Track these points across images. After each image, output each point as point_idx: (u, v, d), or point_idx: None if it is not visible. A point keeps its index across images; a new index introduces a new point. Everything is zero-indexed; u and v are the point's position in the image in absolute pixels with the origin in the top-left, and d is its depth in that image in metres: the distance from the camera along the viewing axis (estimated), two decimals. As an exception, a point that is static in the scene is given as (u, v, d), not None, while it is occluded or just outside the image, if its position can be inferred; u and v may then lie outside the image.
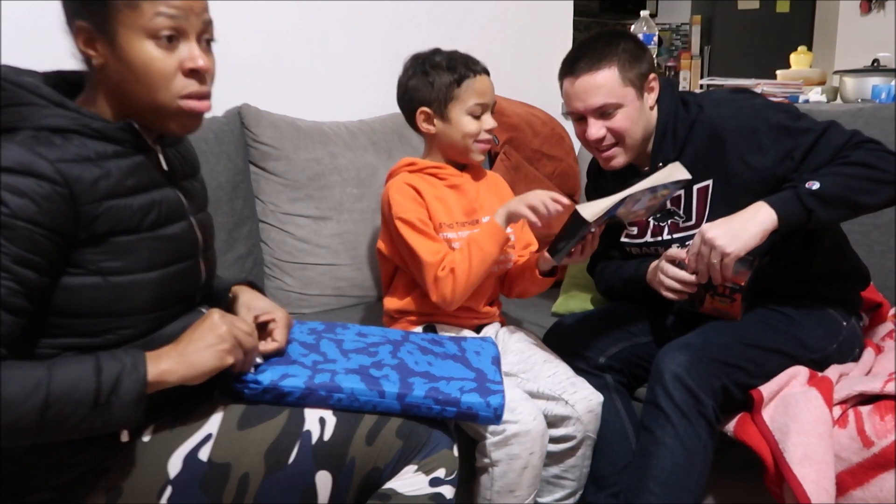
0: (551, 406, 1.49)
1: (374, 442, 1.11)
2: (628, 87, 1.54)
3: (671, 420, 1.37)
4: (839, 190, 1.41)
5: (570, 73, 1.56)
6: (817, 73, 2.93)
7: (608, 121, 1.54)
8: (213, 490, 1.08)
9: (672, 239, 1.64)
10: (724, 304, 1.50)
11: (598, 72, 1.52)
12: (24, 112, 0.99)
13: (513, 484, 1.40)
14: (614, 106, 1.53)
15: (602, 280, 1.82)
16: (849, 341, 1.59)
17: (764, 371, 1.47)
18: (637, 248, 1.72)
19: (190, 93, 1.04)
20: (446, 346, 1.34)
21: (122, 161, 1.04)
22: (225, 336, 1.04)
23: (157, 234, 1.06)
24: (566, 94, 1.59)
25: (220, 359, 1.03)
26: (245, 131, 1.99)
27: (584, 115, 1.56)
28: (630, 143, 1.57)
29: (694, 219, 1.61)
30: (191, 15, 1.03)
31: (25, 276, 0.93)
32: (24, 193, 0.93)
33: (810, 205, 1.39)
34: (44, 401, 0.91)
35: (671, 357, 1.41)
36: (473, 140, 1.59)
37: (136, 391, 0.96)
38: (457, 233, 1.59)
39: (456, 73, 1.56)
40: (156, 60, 1.01)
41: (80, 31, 1.02)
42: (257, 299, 1.25)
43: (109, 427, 0.98)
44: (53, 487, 1.07)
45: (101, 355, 0.97)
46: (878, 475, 1.33)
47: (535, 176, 2.33)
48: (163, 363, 1.00)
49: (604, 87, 1.52)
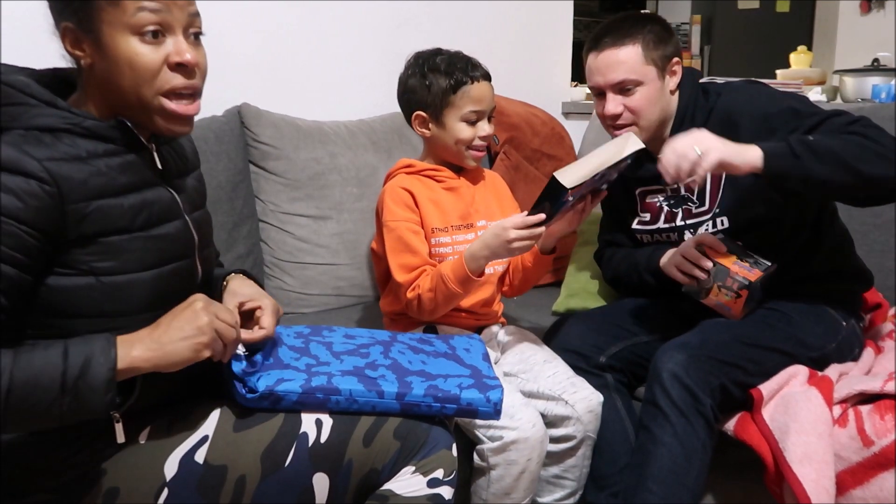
0: (551, 406, 1.48)
1: (372, 443, 1.10)
2: (650, 66, 1.55)
3: (669, 419, 1.37)
4: (833, 146, 1.38)
5: (594, 48, 1.58)
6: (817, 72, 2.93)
7: (626, 97, 1.55)
8: (210, 492, 1.08)
9: (685, 225, 1.64)
10: (730, 298, 1.50)
11: (622, 48, 1.54)
12: (14, 112, 0.99)
13: (509, 488, 1.40)
14: (634, 83, 1.54)
15: (609, 268, 1.81)
16: (848, 341, 1.59)
17: (762, 370, 1.46)
18: (649, 235, 1.71)
19: (174, 86, 1.03)
20: (436, 344, 1.34)
21: (114, 160, 1.03)
22: (204, 329, 1.00)
23: (151, 233, 1.05)
24: (588, 68, 1.60)
25: (196, 352, 1.00)
26: (245, 131, 1.99)
27: (604, 90, 1.58)
28: (645, 124, 1.57)
29: (707, 204, 1.61)
30: (174, 8, 1.01)
31: (5, 272, 0.93)
32: (10, 190, 0.92)
33: (798, 150, 1.36)
34: (7, 386, 0.89)
35: (669, 356, 1.41)
36: (467, 147, 1.58)
37: (105, 376, 0.94)
38: (451, 236, 1.59)
39: (453, 79, 1.53)
40: (141, 55, 1.00)
41: (66, 32, 1.01)
42: (245, 286, 1.22)
43: (81, 414, 0.95)
44: (50, 489, 1.06)
45: (71, 340, 0.95)
46: (878, 474, 1.33)
47: (535, 175, 2.33)
48: (135, 349, 0.98)
49: (625, 63, 1.54)
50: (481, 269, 1.46)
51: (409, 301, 1.52)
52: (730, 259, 1.50)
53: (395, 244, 1.54)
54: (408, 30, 2.34)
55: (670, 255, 1.59)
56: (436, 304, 1.50)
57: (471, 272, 1.44)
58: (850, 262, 1.67)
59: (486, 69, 1.59)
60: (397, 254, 1.54)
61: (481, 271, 1.47)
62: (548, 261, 1.59)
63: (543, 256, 1.58)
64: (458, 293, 1.47)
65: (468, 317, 1.64)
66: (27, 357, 0.92)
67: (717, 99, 1.59)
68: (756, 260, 1.51)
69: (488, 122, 1.58)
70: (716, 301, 1.52)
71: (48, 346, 0.94)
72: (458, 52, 1.60)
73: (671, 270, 1.56)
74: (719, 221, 1.61)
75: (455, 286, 1.45)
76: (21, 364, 0.91)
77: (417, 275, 1.52)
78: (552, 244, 1.56)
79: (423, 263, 1.53)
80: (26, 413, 0.92)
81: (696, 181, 1.37)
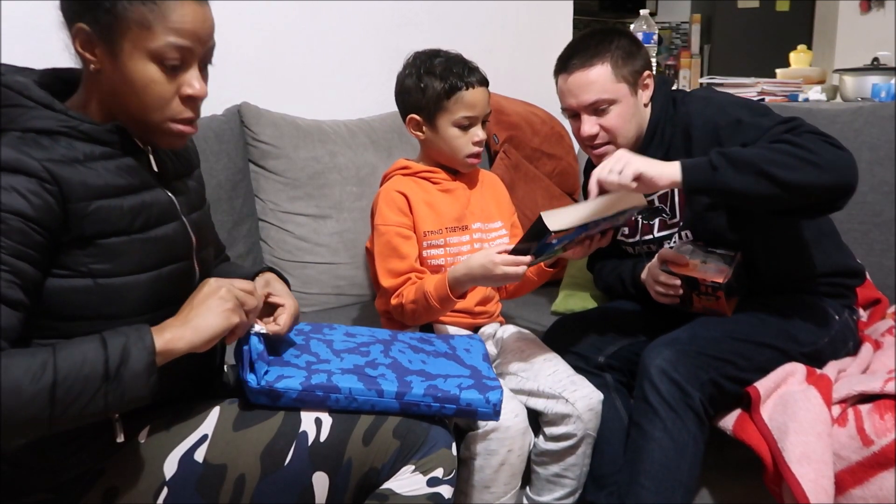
0: (552, 404, 1.48)
1: (371, 442, 1.11)
2: (621, 83, 1.54)
3: (658, 413, 1.37)
4: (751, 156, 1.35)
5: (563, 70, 1.57)
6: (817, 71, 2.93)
7: (601, 118, 1.55)
8: (209, 491, 1.08)
9: (663, 236, 1.65)
10: (711, 301, 1.51)
11: (591, 68, 1.53)
12: (12, 114, 0.99)
13: (489, 480, 1.40)
14: (607, 102, 1.54)
15: (600, 278, 1.83)
16: (841, 335, 1.59)
17: (754, 365, 1.47)
18: (631, 248, 1.73)
19: (184, 118, 1.05)
20: (436, 344, 1.34)
21: (111, 162, 1.03)
22: (226, 296, 1.02)
23: (148, 235, 1.06)
24: (560, 90, 1.59)
25: (226, 318, 1.01)
26: (245, 130, 1.99)
27: (578, 111, 1.57)
28: (623, 142, 1.57)
29: (678, 216, 1.62)
30: (198, 45, 1.02)
31: (21, 268, 0.93)
32: (14, 189, 0.93)
33: (716, 162, 1.35)
34: (52, 380, 0.89)
35: (657, 352, 1.41)
36: (462, 155, 1.58)
37: (146, 360, 0.94)
38: (445, 238, 1.59)
39: (447, 84, 1.53)
40: (157, 84, 1.01)
41: (79, 32, 1.01)
42: (277, 283, 1.25)
43: (124, 403, 0.94)
44: (50, 488, 1.06)
45: (105, 332, 0.95)
46: (878, 474, 1.33)
47: (535, 174, 2.33)
48: (167, 332, 0.98)
49: (596, 84, 1.53)
50: (463, 291, 1.47)
51: (393, 307, 1.55)
52: (694, 267, 1.51)
53: (383, 249, 1.56)
54: (408, 29, 2.34)
55: (647, 272, 1.61)
56: (417, 315, 1.52)
57: (451, 292, 1.45)
58: (839, 256, 1.66)
59: (483, 74, 1.58)
60: (384, 258, 1.56)
61: (463, 293, 1.47)
62: (548, 273, 1.61)
63: (545, 269, 1.59)
64: (437, 309, 1.48)
65: (465, 316, 1.64)
66: (66, 351, 0.92)
67: (682, 108, 1.59)
68: (720, 255, 1.52)
69: (482, 127, 1.58)
70: (701, 306, 1.53)
71: (83, 340, 0.94)
72: (456, 55, 1.59)
73: (650, 290, 1.58)
74: (684, 234, 1.63)
75: (435, 303, 1.47)
76: (62, 357, 0.91)
77: (402, 281, 1.54)
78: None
79: (409, 269, 1.54)
80: (73, 405, 0.90)
81: (625, 177, 1.35)
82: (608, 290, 1.84)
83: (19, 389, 0.87)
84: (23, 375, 0.87)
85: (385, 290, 1.56)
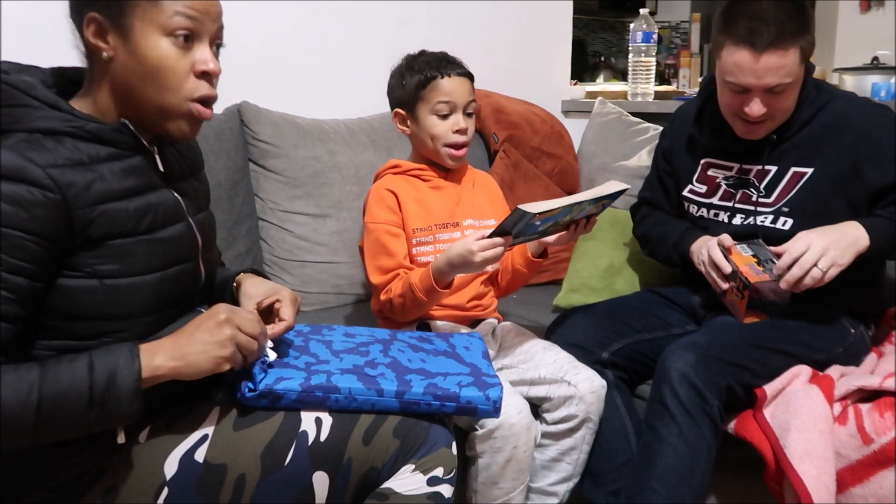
0: (553, 389, 1.48)
1: (371, 442, 1.10)
2: (802, 65, 1.46)
3: (676, 419, 1.36)
4: None
5: (748, 44, 1.41)
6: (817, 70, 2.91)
7: (773, 97, 1.46)
8: (210, 491, 1.07)
9: (738, 208, 1.61)
10: (735, 297, 1.50)
11: (787, 52, 1.40)
12: (18, 114, 0.99)
13: (496, 476, 1.40)
14: (787, 85, 1.45)
15: (642, 226, 1.81)
16: (855, 348, 1.58)
17: (768, 371, 1.46)
18: (696, 207, 1.68)
19: (202, 95, 1.05)
20: (435, 342, 1.34)
21: (117, 164, 1.03)
22: (226, 343, 1.01)
23: (155, 236, 1.06)
24: (737, 64, 1.43)
25: (218, 365, 1.02)
26: (244, 129, 1.99)
27: (751, 89, 1.45)
28: (781, 118, 1.52)
29: (773, 198, 1.57)
30: (207, 19, 1.03)
31: (17, 283, 0.93)
32: (15, 201, 0.92)
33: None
34: (37, 403, 0.91)
35: (678, 355, 1.40)
36: (443, 144, 1.58)
37: (131, 387, 0.95)
38: (434, 235, 1.60)
39: (423, 75, 1.56)
40: (170, 59, 1.02)
41: (90, 21, 1.01)
42: (259, 285, 1.23)
43: (108, 424, 0.97)
44: (50, 488, 1.06)
45: (95, 353, 0.96)
46: (878, 472, 1.33)
47: (535, 174, 2.33)
48: (158, 358, 0.99)
49: (785, 68, 1.42)
50: (447, 282, 1.47)
51: (382, 303, 1.56)
52: (745, 261, 1.50)
53: (373, 246, 1.57)
54: (408, 29, 2.34)
55: (701, 243, 1.58)
56: (405, 309, 1.52)
57: (436, 283, 1.45)
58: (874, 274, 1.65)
59: (466, 68, 1.60)
60: (373, 256, 1.57)
61: (447, 283, 1.47)
62: (538, 264, 1.60)
63: (534, 260, 1.58)
64: (425, 302, 1.48)
65: (458, 312, 1.64)
66: (53, 372, 0.93)
67: (831, 100, 1.55)
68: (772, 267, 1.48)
69: (465, 116, 1.58)
70: (729, 299, 1.52)
71: (73, 359, 0.95)
72: (441, 53, 1.61)
73: (698, 265, 1.56)
74: (780, 221, 1.56)
75: (422, 295, 1.47)
76: (48, 380, 0.92)
77: (391, 278, 1.55)
78: (541, 249, 1.57)
79: (397, 266, 1.55)
80: (55, 426, 0.94)
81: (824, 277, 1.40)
82: (644, 240, 1.82)
83: (7, 410, 0.89)
84: (10, 397, 0.90)
85: (375, 287, 1.57)
